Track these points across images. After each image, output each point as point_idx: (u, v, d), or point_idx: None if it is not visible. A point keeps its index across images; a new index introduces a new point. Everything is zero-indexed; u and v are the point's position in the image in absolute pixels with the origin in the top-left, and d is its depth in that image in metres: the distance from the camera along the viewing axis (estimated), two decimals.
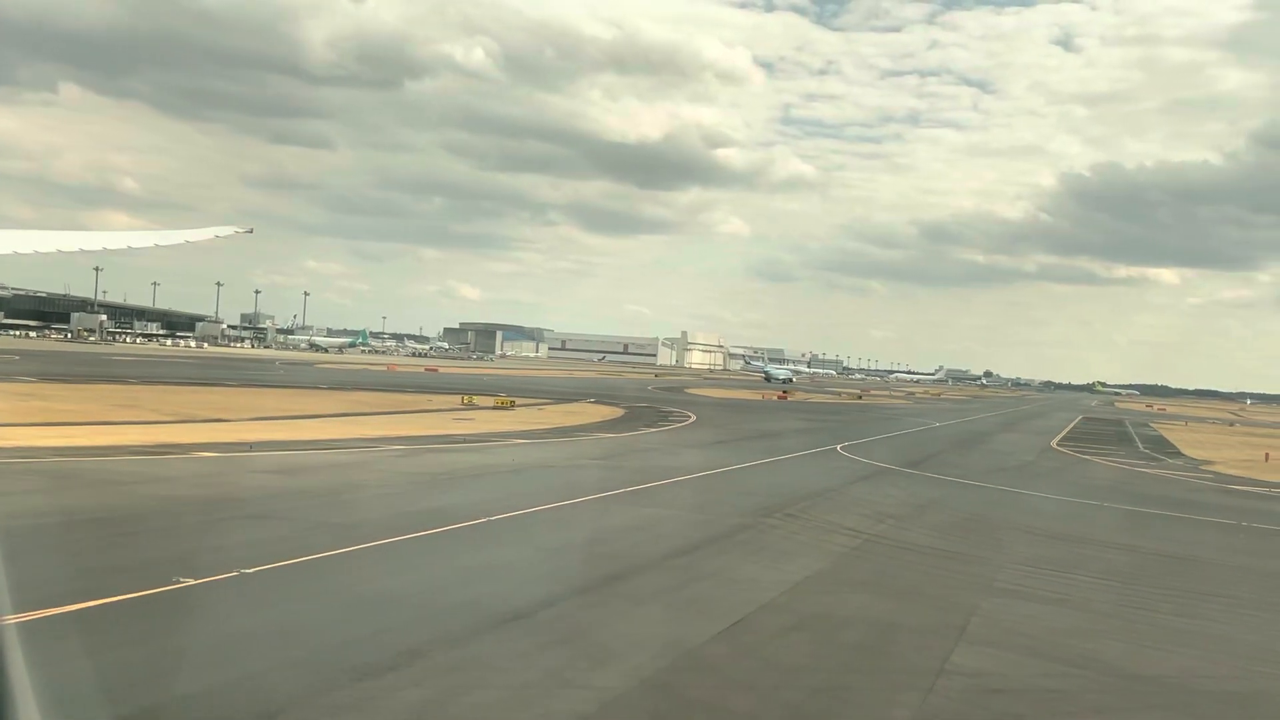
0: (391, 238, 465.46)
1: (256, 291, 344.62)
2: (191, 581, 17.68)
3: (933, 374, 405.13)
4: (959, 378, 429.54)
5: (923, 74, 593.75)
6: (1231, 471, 62.71)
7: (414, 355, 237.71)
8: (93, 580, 17.28)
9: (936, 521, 33.68)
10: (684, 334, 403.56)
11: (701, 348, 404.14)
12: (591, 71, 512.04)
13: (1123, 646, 19.04)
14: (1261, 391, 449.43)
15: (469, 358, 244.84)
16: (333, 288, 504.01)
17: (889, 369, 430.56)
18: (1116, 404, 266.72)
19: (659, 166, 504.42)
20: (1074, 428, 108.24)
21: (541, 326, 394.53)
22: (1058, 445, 78.79)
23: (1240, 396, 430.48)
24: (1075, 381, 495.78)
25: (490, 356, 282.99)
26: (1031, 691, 16.27)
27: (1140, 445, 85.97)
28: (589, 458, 44.59)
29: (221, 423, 48.07)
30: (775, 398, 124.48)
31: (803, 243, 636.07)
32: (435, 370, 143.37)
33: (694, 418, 71.58)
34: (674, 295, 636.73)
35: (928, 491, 41.78)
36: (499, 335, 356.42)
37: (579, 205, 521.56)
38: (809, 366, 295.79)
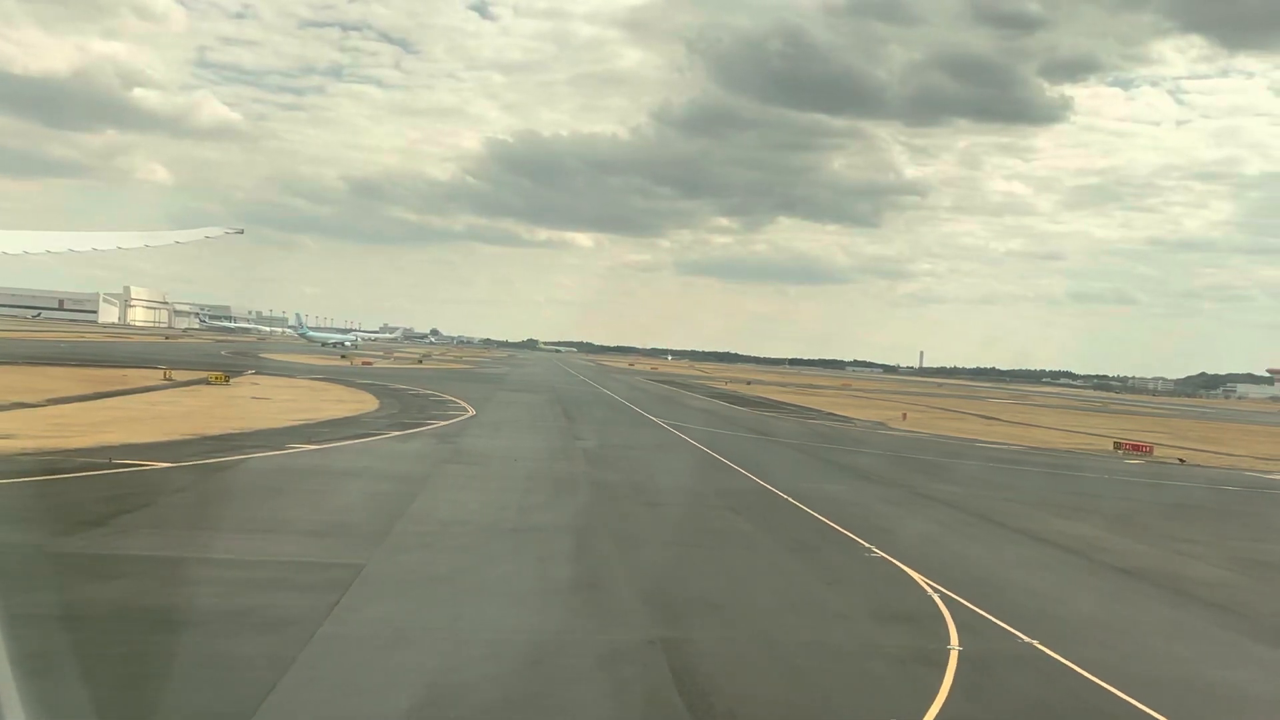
0: None
1: None
2: None
3: (387, 331, 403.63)
4: (410, 335, 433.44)
5: (345, 27, 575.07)
6: (921, 430, 72.34)
7: None
8: None
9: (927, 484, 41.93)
10: (126, 289, 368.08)
11: (145, 304, 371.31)
12: None
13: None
14: (670, 347, 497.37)
15: None
16: None
17: (345, 328, 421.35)
18: (603, 362, 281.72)
19: (68, 104, 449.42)
20: (696, 392, 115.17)
21: None
22: (742, 409, 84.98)
23: (659, 353, 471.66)
24: (511, 339, 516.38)
25: None
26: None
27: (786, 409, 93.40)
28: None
29: (30, 408, 42.17)
30: (360, 364, 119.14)
31: (228, 193, 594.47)
32: None
33: (469, 407, 62.20)
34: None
35: (829, 458, 49.22)
36: None
37: None
38: (258, 324, 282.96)
